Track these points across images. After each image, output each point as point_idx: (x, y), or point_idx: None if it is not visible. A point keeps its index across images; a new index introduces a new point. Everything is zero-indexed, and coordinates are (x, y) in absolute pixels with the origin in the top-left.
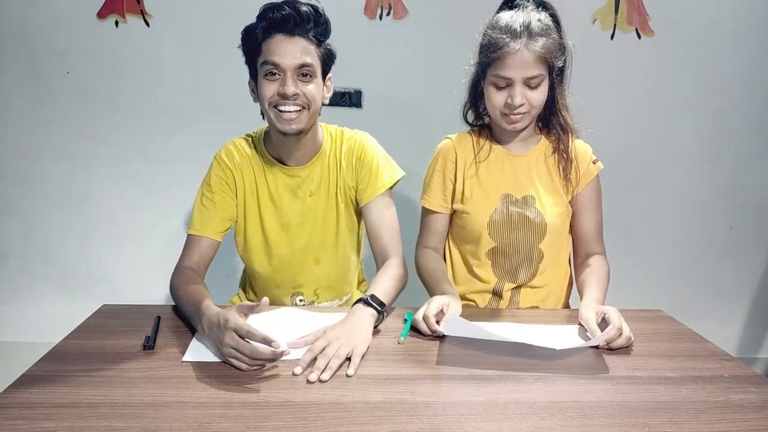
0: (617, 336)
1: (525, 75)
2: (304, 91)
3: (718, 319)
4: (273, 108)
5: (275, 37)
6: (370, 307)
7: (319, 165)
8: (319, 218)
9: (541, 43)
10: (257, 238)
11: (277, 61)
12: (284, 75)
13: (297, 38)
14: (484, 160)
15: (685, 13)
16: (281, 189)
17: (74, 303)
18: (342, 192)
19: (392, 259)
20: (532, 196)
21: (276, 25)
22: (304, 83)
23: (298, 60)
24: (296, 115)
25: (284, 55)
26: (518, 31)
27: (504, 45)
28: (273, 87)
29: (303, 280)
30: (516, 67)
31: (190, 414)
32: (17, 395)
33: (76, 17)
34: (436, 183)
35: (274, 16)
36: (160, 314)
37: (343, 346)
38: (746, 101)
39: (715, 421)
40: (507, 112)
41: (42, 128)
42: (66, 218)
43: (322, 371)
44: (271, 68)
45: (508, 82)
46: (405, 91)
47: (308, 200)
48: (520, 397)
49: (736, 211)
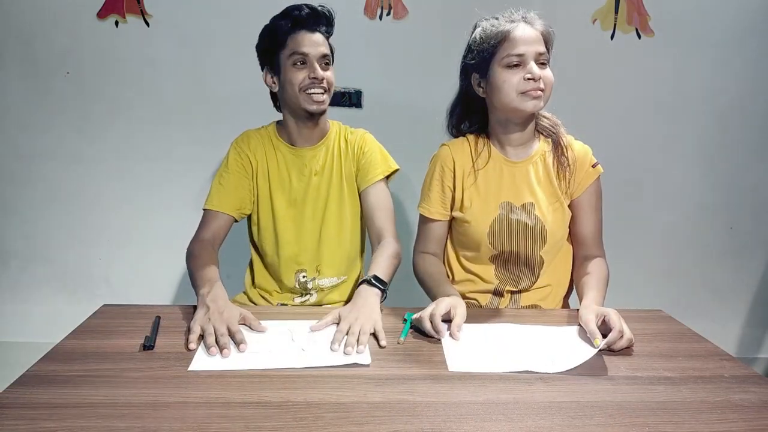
0: (619, 338)
1: (536, 50)
2: (327, 76)
3: (718, 319)
4: (303, 92)
5: (300, 32)
6: (374, 287)
7: (324, 148)
8: (322, 197)
9: (541, 24)
10: (267, 215)
11: (306, 50)
12: (311, 63)
13: (317, 33)
14: (483, 167)
15: (685, 13)
16: (289, 167)
17: (74, 303)
18: (345, 176)
19: (387, 238)
20: (532, 203)
21: (300, 22)
22: (326, 70)
23: (321, 49)
24: (323, 97)
25: (310, 46)
26: (518, 17)
27: (509, 27)
28: (303, 73)
29: (307, 256)
30: (527, 42)
31: (190, 414)
32: (17, 395)
33: (76, 17)
34: (435, 191)
35: (300, 15)
36: (160, 314)
37: (365, 323)
38: (746, 101)
39: (715, 421)
40: (527, 89)
41: (42, 128)
42: (66, 218)
43: (356, 347)
44: (300, 57)
45: (521, 60)
46: (405, 91)
47: (313, 179)
48: (520, 397)
49: (736, 211)
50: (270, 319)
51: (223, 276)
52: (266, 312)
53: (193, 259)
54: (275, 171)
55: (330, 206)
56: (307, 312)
